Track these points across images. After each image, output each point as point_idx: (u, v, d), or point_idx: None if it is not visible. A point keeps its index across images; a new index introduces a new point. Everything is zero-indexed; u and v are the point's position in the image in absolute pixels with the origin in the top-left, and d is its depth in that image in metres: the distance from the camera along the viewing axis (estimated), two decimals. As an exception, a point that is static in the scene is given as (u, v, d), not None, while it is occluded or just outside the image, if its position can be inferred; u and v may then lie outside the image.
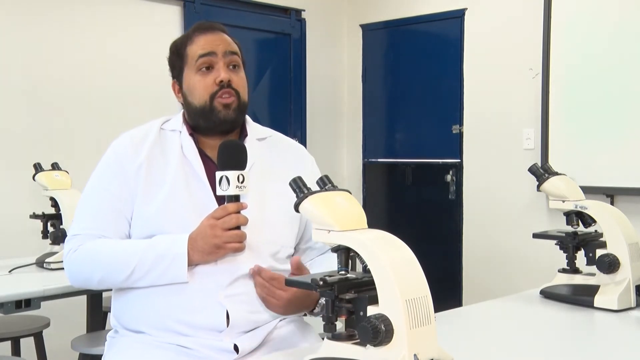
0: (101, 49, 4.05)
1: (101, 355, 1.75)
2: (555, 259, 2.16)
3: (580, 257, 1.94)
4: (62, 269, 1.75)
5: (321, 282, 1.20)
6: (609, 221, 1.86)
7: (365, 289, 1.22)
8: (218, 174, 1.57)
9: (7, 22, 3.71)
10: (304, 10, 5.14)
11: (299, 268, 1.59)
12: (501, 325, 1.76)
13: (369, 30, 5.35)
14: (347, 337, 1.25)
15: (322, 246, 1.79)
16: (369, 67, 5.37)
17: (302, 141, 5.04)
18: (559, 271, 1.99)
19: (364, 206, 4.95)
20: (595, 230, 1.96)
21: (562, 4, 4.21)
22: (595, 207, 1.90)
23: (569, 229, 1.97)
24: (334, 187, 1.33)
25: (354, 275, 1.25)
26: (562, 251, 1.99)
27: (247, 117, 1.82)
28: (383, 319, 1.14)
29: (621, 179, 3.97)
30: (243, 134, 1.79)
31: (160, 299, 1.62)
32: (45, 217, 2.79)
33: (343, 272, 1.25)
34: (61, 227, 2.70)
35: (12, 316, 2.69)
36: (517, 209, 4.50)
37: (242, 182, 1.56)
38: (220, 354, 1.59)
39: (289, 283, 1.33)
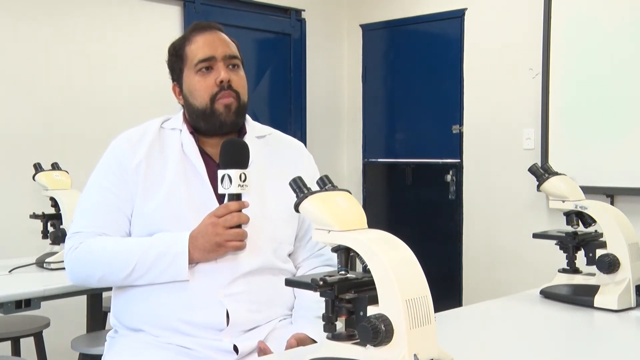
0: (101, 49, 4.05)
1: (101, 355, 1.75)
2: (555, 259, 2.16)
3: (580, 257, 1.94)
4: (62, 269, 1.75)
5: (321, 282, 1.20)
6: (609, 221, 1.86)
7: (365, 289, 1.21)
8: (220, 172, 1.58)
9: (7, 22, 3.71)
10: (304, 10, 5.14)
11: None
12: (501, 325, 1.76)
13: (369, 30, 5.35)
14: (347, 337, 1.24)
15: (313, 246, 1.80)
16: (369, 67, 5.37)
17: (302, 141, 4.99)
18: (559, 271, 1.99)
19: (364, 206, 4.96)
20: (595, 230, 1.96)
21: (562, 4, 4.21)
22: (595, 207, 1.90)
23: (569, 229, 1.96)
24: (334, 187, 1.32)
25: (354, 275, 1.24)
26: (562, 251, 1.99)
27: (247, 116, 1.82)
28: (383, 319, 1.13)
29: (621, 179, 3.96)
30: (242, 132, 1.79)
31: (161, 297, 1.62)
32: (45, 217, 2.78)
33: (343, 272, 1.25)
34: (61, 227, 2.70)
35: (12, 316, 2.69)
36: (517, 209, 4.50)
37: (244, 181, 1.56)
38: (220, 354, 1.59)
39: (288, 283, 1.33)
